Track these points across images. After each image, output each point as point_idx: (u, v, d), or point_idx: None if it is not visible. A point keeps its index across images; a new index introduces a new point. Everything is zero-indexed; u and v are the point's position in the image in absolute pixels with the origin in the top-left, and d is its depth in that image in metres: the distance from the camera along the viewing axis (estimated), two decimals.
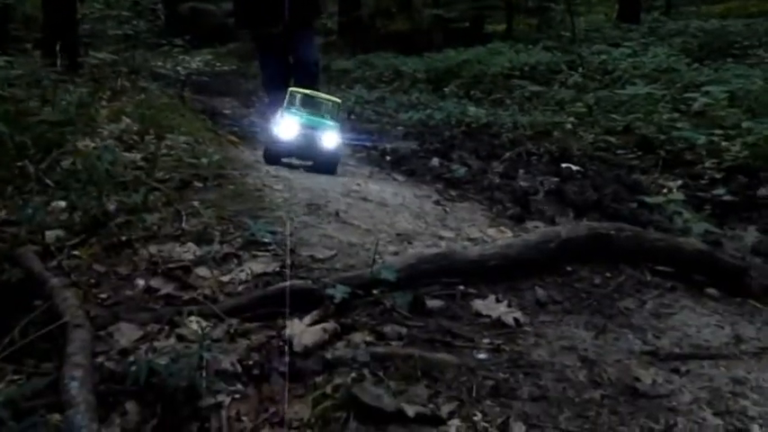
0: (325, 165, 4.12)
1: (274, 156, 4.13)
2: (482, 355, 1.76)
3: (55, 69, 4.32)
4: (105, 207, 2.50)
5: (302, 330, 1.76)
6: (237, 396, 1.56)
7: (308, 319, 1.84)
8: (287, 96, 4.30)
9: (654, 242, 2.39)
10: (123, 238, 2.37)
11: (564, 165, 4.98)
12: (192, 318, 1.83)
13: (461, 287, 2.12)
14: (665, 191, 3.86)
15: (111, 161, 2.77)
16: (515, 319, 1.95)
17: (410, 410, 1.46)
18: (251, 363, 1.66)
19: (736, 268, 2.42)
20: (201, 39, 10.61)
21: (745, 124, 4.94)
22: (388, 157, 5.31)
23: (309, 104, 4.32)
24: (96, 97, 4.34)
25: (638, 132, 5.54)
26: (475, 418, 1.48)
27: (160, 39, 7.47)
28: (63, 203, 2.54)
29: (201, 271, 2.21)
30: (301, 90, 4.43)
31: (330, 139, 4.10)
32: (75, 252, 2.26)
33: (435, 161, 5.08)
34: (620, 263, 2.37)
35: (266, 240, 2.41)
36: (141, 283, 2.12)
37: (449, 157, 5.27)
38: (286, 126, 4.05)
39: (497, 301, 2.05)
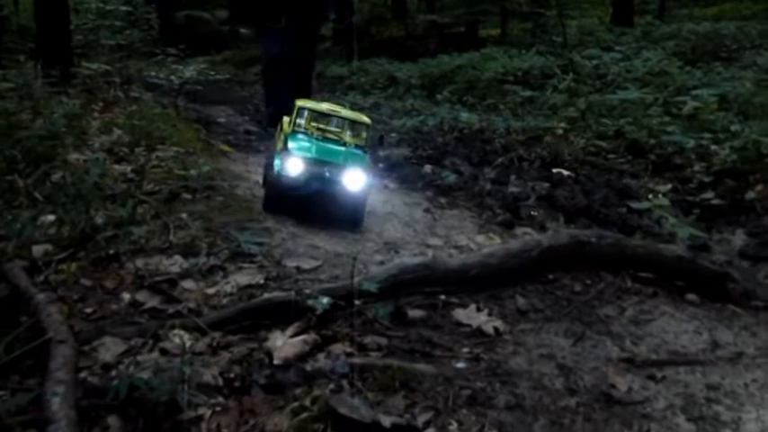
0: (345, 216, 3.02)
1: (275, 202, 3.05)
2: (460, 365, 1.78)
3: (46, 81, 4.34)
4: (93, 221, 2.52)
5: (283, 342, 1.79)
6: (218, 409, 1.58)
7: (289, 331, 1.87)
8: (293, 112, 3.14)
9: (635, 249, 2.42)
10: (111, 252, 2.39)
11: (555, 170, 5.00)
12: (176, 331, 1.85)
13: (443, 297, 2.15)
14: (650, 196, 3.89)
15: (100, 174, 2.80)
16: (495, 328, 1.98)
17: (386, 421, 1.49)
18: (232, 375, 1.69)
19: (717, 274, 2.46)
20: (196, 47, 10.65)
21: (734, 127, 4.97)
22: (380, 165, 5.34)
23: (324, 125, 3.15)
24: (88, 109, 4.36)
25: (628, 137, 5.56)
26: (450, 428, 1.51)
27: (154, 48, 7.48)
28: (52, 217, 2.57)
29: (187, 284, 2.24)
30: (312, 104, 3.22)
31: (353, 179, 2.96)
32: (63, 266, 2.28)
33: (428, 168, 5.10)
34: (601, 270, 2.40)
35: (253, 252, 2.44)
36: (127, 296, 2.14)
37: (441, 163, 5.29)
38: (290, 161, 2.94)
39: (478, 310, 2.08)
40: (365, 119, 3.25)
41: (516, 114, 7.35)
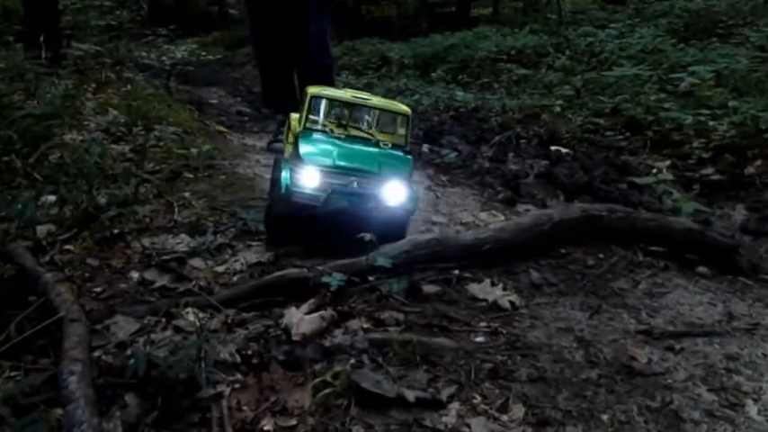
0: (382, 240, 2.11)
1: (283, 229, 2.32)
2: (480, 339, 1.77)
3: (39, 62, 4.25)
4: (96, 200, 2.48)
5: (300, 319, 1.76)
6: (237, 386, 1.56)
7: (304, 308, 1.84)
8: (304, 102, 2.37)
9: (646, 222, 2.41)
10: (115, 231, 2.36)
11: (553, 147, 4.99)
12: (189, 309, 1.82)
13: (456, 271, 2.13)
14: (654, 171, 3.88)
15: (99, 154, 2.74)
16: (511, 302, 1.96)
17: (410, 395, 1.47)
18: (250, 352, 1.66)
19: (727, 246, 2.45)
20: (186, 28, 10.53)
21: (732, 103, 4.96)
22: None
23: (348, 120, 2.43)
24: (82, 89, 4.28)
25: (625, 114, 5.55)
26: (474, 401, 1.49)
27: (144, 29, 7.38)
28: (53, 198, 2.52)
29: (196, 262, 2.21)
30: (330, 91, 2.48)
31: (394, 192, 2.23)
32: (68, 246, 2.24)
33: (425, 147, 5.08)
34: (612, 244, 2.39)
35: (260, 229, 2.41)
36: (135, 275, 2.11)
37: (438, 142, 5.26)
38: (302, 172, 2.20)
39: (493, 284, 2.06)
40: (403, 108, 2.44)
41: (511, 93, 7.33)
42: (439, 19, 12.28)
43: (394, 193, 2.23)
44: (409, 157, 2.37)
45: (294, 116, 2.57)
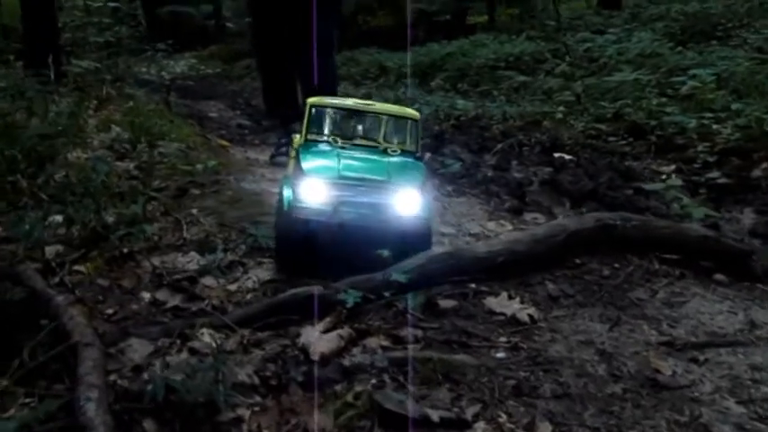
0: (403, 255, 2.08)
1: (291, 253, 2.21)
2: (500, 354, 1.74)
3: (43, 80, 4.24)
4: (104, 219, 2.45)
5: (317, 338, 1.73)
6: (257, 408, 1.53)
7: (321, 326, 1.81)
8: (305, 113, 2.33)
9: (660, 230, 2.39)
10: (125, 251, 2.33)
11: (556, 154, 4.97)
12: (204, 330, 1.79)
13: (473, 285, 2.10)
14: (663, 177, 3.86)
15: (106, 172, 2.72)
16: (530, 316, 1.93)
17: (434, 415, 1.44)
18: (268, 374, 1.63)
19: (742, 252, 2.43)
20: (183, 42, 10.55)
21: (735, 106, 4.96)
22: None
23: (352, 129, 2.36)
24: (83, 107, 4.27)
25: (627, 119, 5.54)
26: (500, 420, 1.46)
27: (142, 44, 7.38)
28: (60, 217, 2.49)
29: (207, 281, 2.18)
30: (330, 100, 2.40)
31: (407, 201, 2.12)
32: (78, 267, 2.21)
33: (427, 156, 5.05)
34: (627, 253, 2.37)
35: (271, 246, 2.38)
36: (147, 296, 2.08)
37: (440, 151, 5.24)
38: (305, 186, 2.10)
39: (510, 297, 2.03)
40: (411, 112, 2.37)
41: (511, 100, 7.33)
42: (435, 27, 12.30)
43: (407, 201, 2.10)
44: (421, 163, 2.29)
45: (296, 137, 2.50)
